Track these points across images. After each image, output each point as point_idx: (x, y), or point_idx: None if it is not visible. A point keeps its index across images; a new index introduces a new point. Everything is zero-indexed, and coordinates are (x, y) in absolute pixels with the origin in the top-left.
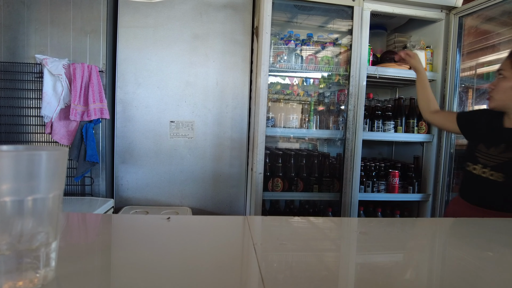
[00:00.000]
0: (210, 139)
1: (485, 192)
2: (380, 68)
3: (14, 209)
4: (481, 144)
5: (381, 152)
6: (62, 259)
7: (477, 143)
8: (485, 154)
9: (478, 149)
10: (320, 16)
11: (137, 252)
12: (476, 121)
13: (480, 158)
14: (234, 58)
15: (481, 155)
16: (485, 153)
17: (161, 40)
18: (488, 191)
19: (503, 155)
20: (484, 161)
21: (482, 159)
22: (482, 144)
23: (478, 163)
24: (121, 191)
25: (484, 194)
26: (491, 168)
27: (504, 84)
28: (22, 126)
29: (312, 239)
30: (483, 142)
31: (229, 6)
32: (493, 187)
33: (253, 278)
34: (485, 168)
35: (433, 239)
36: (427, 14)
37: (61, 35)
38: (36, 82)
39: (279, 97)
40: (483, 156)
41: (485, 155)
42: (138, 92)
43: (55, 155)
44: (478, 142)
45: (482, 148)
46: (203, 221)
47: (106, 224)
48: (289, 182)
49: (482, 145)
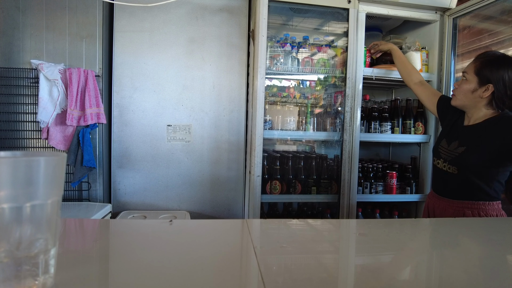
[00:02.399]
0: (208, 142)
1: (446, 183)
2: (376, 69)
3: (12, 215)
4: (444, 140)
5: (378, 153)
6: (61, 266)
7: (441, 139)
8: (445, 150)
9: (441, 145)
10: (316, 19)
11: (137, 257)
12: (450, 112)
13: (442, 154)
14: (231, 61)
15: (442, 150)
16: (446, 149)
17: (157, 44)
18: (447, 182)
19: (457, 150)
20: (445, 156)
21: (443, 154)
22: (444, 140)
23: (441, 158)
24: (119, 195)
25: (445, 185)
26: (448, 162)
27: (465, 87)
28: (18, 132)
29: (312, 241)
30: (446, 138)
31: (225, 9)
32: (451, 178)
33: (254, 281)
34: (445, 162)
35: (432, 240)
36: (421, 15)
37: (57, 40)
38: (32, 87)
39: (276, 100)
40: (444, 151)
41: (445, 150)
42: (134, 96)
43: (53, 161)
44: (442, 139)
45: (444, 144)
46: (202, 225)
47: (104, 229)
48: (287, 184)
49: (445, 141)
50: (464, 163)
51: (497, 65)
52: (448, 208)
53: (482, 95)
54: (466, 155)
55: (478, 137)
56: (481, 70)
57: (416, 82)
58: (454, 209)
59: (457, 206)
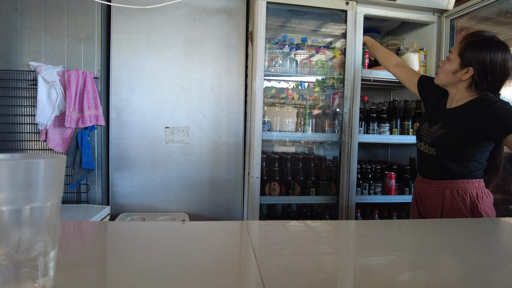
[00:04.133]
0: (206, 144)
1: (427, 165)
2: (375, 71)
3: (12, 218)
4: (426, 123)
5: (377, 154)
6: (60, 268)
7: (423, 123)
8: (426, 132)
9: (423, 128)
10: (314, 20)
11: (135, 260)
12: (431, 92)
13: (423, 136)
14: (229, 63)
15: (424, 133)
16: (427, 131)
17: (154, 46)
18: (428, 164)
19: (436, 132)
20: (426, 138)
21: (425, 136)
22: (426, 123)
23: (422, 141)
24: (117, 198)
25: (426, 167)
26: (428, 144)
27: (447, 67)
28: (16, 134)
29: (311, 242)
30: (428, 121)
31: (223, 11)
32: (430, 160)
33: (254, 283)
34: (426, 144)
35: (431, 240)
36: (419, 17)
37: (55, 42)
38: (30, 89)
39: (275, 101)
40: (425, 134)
41: (426, 133)
42: (132, 99)
43: (53, 163)
44: (424, 122)
45: (425, 127)
46: (201, 227)
47: (103, 231)
48: (286, 185)
49: (426, 124)
50: (442, 144)
51: (479, 47)
52: (430, 189)
53: (462, 77)
54: (444, 136)
55: (457, 119)
56: (464, 51)
57: (394, 64)
58: (435, 189)
59: (438, 186)
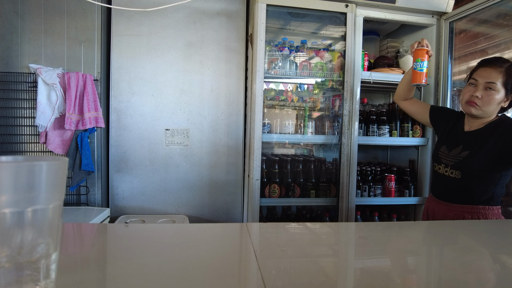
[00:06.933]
0: (206, 146)
1: (447, 187)
2: (374, 73)
3: (14, 220)
4: (444, 146)
5: (376, 156)
6: (61, 270)
7: (440, 146)
8: (446, 155)
9: (441, 151)
10: (314, 23)
11: (136, 262)
12: (445, 119)
13: (442, 159)
14: (229, 65)
15: (443, 156)
16: (446, 154)
17: (155, 48)
18: (449, 187)
19: (460, 155)
20: (446, 161)
21: (445, 159)
22: (444, 147)
23: (441, 163)
24: (117, 200)
25: (446, 190)
26: (451, 167)
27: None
28: (16, 136)
29: (312, 244)
30: (445, 145)
31: (223, 13)
32: (453, 183)
33: (255, 285)
34: (447, 167)
35: (432, 242)
36: (418, 19)
37: (55, 45)
38: (30, 91)
39: (274, 103)
40: (445, 157)
41: (446, 156)
42: (132, 101)
43: (55, 165)
44: (441, 145)
45: (444, 150)
46: (202, 229)
47: (103, 234)
48: (286, 187)
49: (444, 148)
50: (468, 167)
51: None
52: (448, 212)
53: (504, 105)
54: (469, 159)
55: (481, 141)
56: (508, 80)
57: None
58: (454, 213)
59: (457, 210)
